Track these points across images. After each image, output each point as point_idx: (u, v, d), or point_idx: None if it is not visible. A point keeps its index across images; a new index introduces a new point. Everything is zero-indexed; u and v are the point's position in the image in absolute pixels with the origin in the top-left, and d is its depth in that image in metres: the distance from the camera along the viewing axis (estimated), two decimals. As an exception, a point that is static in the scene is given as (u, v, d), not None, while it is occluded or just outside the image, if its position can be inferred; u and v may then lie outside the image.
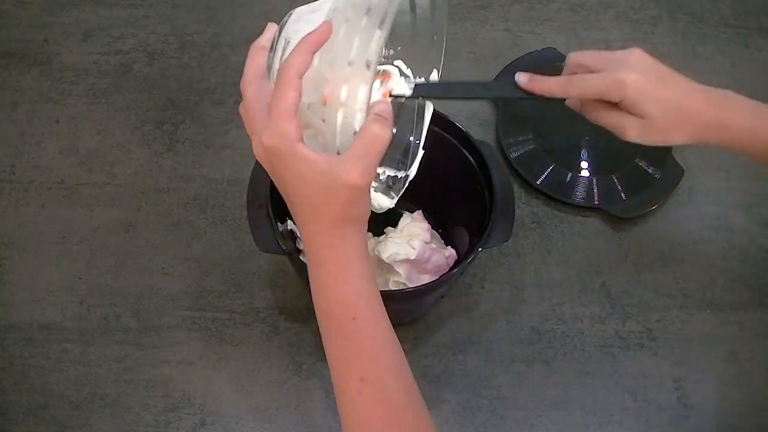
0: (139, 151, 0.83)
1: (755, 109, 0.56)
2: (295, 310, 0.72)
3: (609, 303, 0.74)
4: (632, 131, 0.54)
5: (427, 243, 0.67)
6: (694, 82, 0.55)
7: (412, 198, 0.76)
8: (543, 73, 0.55)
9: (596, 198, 0.80)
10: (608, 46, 0.94)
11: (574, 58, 0.57)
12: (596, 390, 0.68)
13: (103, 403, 0.67)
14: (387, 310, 0.65)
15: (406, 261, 0.65)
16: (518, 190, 0.81)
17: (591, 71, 0.54)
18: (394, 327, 0.70)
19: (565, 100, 0.56)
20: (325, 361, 0.48)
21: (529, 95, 0.55)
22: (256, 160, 0.52)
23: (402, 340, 0.70)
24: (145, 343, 0.70)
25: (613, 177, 0.81)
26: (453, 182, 0.67)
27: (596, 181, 0.81)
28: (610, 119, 0.55)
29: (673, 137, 0.54)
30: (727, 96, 0.56)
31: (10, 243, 0.76)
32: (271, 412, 0.66)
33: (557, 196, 0.80)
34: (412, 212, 0.74)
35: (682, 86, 0.55)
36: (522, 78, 0.55)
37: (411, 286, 0.65)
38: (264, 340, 0.70)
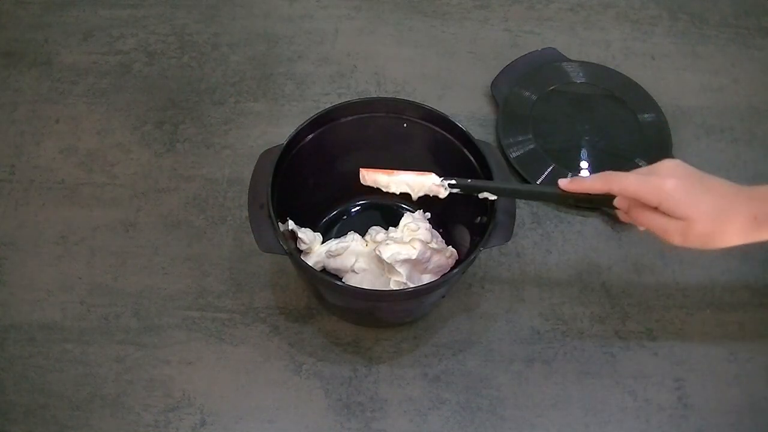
0: (139, 151, 0.83)
1: None
2: (295, 310, 0.72)
3: (609, 303, 0.74)
4: (675, 235, 0.54)
5: (427, 243, 0.67)
6: (732, 183, 0.55)
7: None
8: None
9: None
10: (608, 46, 0.94)
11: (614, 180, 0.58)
12: (596, 390, 0.68)
13: (103, 403, 0.67)
14: (389, 310, 0.65)
15: (407, 261, 0.65)
16: (518, 190, 0.81)
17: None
18: (394, 327, 0.70)
19: (610, 199, 0.58)
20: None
21: (574, 196, 0.59)
22: (255, 164, 0.54)
23: (402, 340, 0.70)
24: (145, 343, 0.70)
25: (613, 177, 0.81)
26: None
27: (596, 181, 0.81)
28: (653, 222, 0.55)
29: (721, 239, 0.54)
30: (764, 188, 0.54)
31: (10, 243, 0.76)
32: (271, 412, 0.66)
33: (557, 196, 0.80)
34: (413, 212, 0.74)
35: (723, 188, 0.55)
36: (563, 181, 0.59)
37: (412, 286, 0.65)
38: (264, 340, 0.70)
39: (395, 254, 0.65)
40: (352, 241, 0.70)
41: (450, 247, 0.70)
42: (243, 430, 0.66)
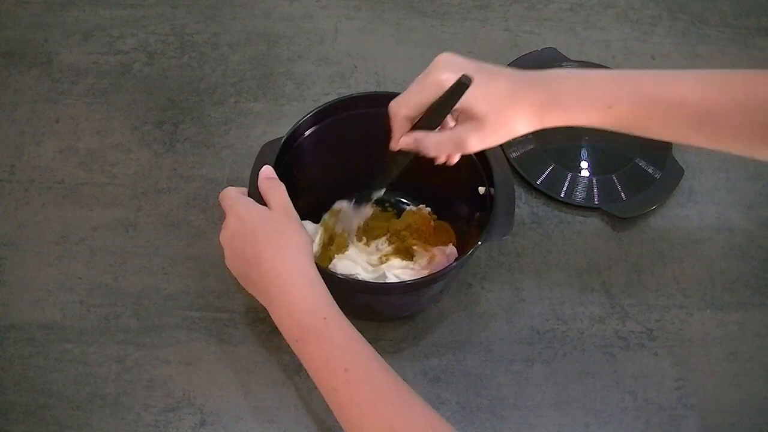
0: (139, 151, 0.83)
1: (581, 75, 0.55)
2: (295, 310, 0.72)
3: (609, 303, 0.74)
4: (471, 137, 0.54)
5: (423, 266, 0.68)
6: (505, 68, 0.56)
7: (415, 192, 0.77)
8: None
9: (596, 198, 0.80)
10: (608, 46, 0.94)
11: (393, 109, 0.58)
12: (596, 390, 0.68)
13: (103, 403, 0.67)
14: (386, 304, 0.66)
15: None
16: (518, 190, 0.81)
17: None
18: (391, 321, 0.71)
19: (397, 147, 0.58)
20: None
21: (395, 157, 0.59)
22: (257, 156, 0.58)
23: (401, 339, 0.70)
24: (145, 343, 0.70)
25: (613, 177, 0.81)
26: (454, 177, 0.67)
27: (596, 181, 0.81)
28: (445, 141, 0.55)
29: (513, 130, 0.54)
30: (556, 72, 0.55)
31: (10, 243, 0.76)
32: (271, 412, 0.66)
33: (557, 196, 0.80)
34: (416, 206, 0.74)
35: (503, 74, 0.55)
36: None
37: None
38: (264, 340, 0.70)
39: (399, 274, 0.66)
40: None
41: (450, 245, 0.70)
42: (243, 430, 0.66)
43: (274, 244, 0.54)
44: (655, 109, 0.53)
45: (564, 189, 0.80)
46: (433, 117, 0.55)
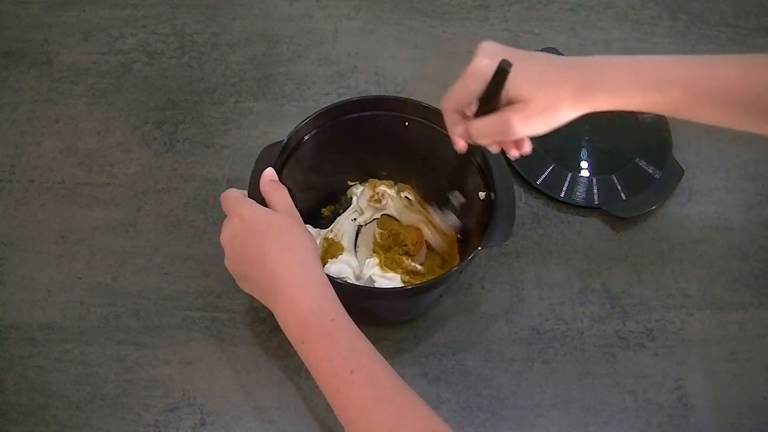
0: (139, 151, 0.83)
1: (629, 57, 0.56)
2: (295, 310, 0.72)
3: (609, 303, 0.74)
4: (517, 122, 0.52)
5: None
6: (547, 54, 0.55)
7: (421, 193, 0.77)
8: None
9: (596, 198, 0.80)
10: (608, 46, 0.94)
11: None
12: (596, 390, 0.68)
13: (103, 403, 0.67)
14: (386, 308, 0.67)
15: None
16: (518, 190, 0.81)
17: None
18: (393, 326, 0.71)
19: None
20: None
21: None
22: (257, 160, 0.58)
23: (402, 340, 0.70)
24: (145, 343, 0.70)
25: (613, 177, 0.81)
26: (455, 180, 0.67)
27: (596, 181, 0.81)
28: (490, 122, 0.54)
29: (559, 107, 0.53)
30: (600, 56, 0.55)
31: (10, 243, 0.76)
32: (271, 412, 0.66)
33: (557, 196, 0.80)
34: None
35: (543, 58, 0.54)
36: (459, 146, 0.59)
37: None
38: (264, 340, 0.70)
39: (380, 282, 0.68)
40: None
41: (451, 215, 0.70)
42: (243, 430, 0.66)
43: (280, 244, 0.54)
44: (706, 94, 0.52)
45: (564, 189, 0.80)
46: (483, 107, 0.55)
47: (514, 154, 0.59)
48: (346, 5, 0.97)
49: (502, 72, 0.51)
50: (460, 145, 0.58)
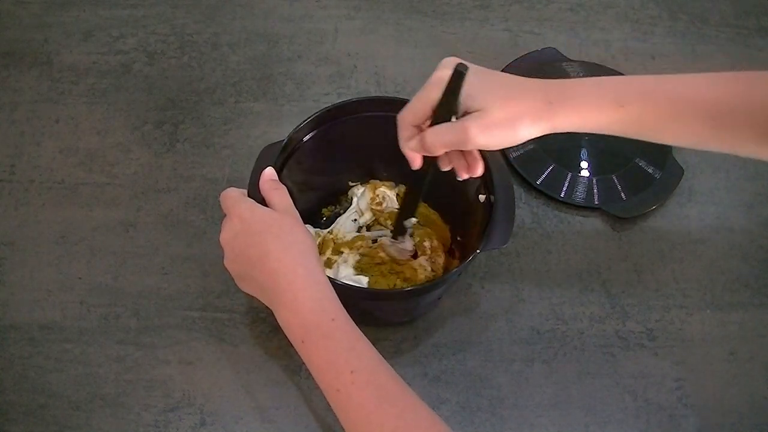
0: (139, 151, 0.83)
1: (592, 78, 0.54)
2: (295, 310, 0.72)
3: (609, 303, 0.74)
4: (475, 129, 0.51)
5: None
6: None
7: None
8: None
9: (596, 198, 0.80)
10: (608, 46, 0.94)
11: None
12: (596, 390, 0.68)
13: (103, 403, 0.67)
14: (384, 310, 0.67)
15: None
16: (518, 190, 0.81)
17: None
18: (392, 326, 0.71)
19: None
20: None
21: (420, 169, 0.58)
22: (257, 159, 0.58)
23: (402, 340, 0.70)
24: (145, 343, 0.70)
25: (613, 177, 0.81)
26: (454, 183, 0.67)
27: (596, 181, 0.81)
28: (448, 129, 0.53)
29: (519, 126, 0.52)
30: (558, 80, 0.54)
31: (10, 243, 0.76)
32: (271, 412, 0.66)
33: (557, 196, 0.80)
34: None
35: (510, 76, 0.54)
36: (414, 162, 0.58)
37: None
38: (264, 340, 0.70)
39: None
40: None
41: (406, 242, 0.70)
42: (243, 430, 0.66)
43: (281, 244, 0.54)
44: (668, 108, 0.51)
45: (564, 189, 0.80)
46: (438, 116, 0.53)
47: (463, 175, 0.59)
48: (346, 5, 0.97)
49: (458, 75, 0.50)
50: (416, 161, 0.57)
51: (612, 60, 0.92)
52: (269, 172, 0.60)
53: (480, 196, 0.66)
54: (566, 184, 0.80)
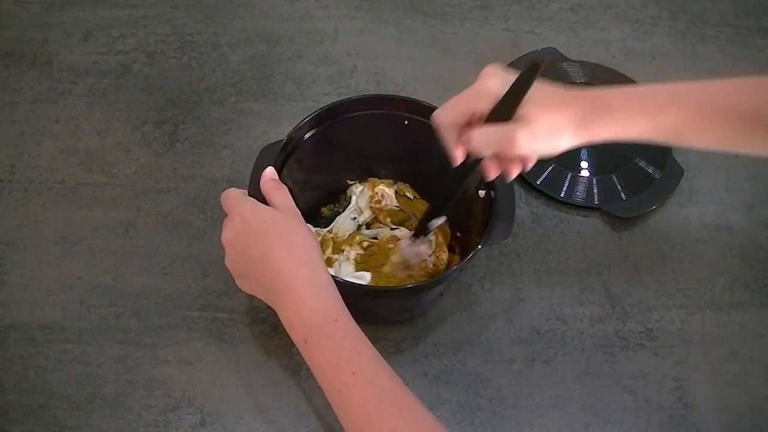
0: (139, 151, 0.83)
1: (629, 87, 0.55)
2: (295, 310, 0.72)
3: (609, 303, 0.74)
4: (523, 133, 0.51)
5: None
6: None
7: (420, 192, 0.77)
8: None
9: (596, 198, 0.80)
10: (608, 46, 0.94)
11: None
12: (596, 390, 0.68)
13: (103, 403, 0.67)
14: (385, 307, 0.67)
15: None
16: (518, 190, 0.81)
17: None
18: (392, 325, 0.71)
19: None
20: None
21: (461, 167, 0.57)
22: (256, 159, 0.58)
23: (402, 339, 0.70)
24: (145, 343, 0.70)
25: (613, 177, 0.81)
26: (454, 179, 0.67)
27: (596, 181, 0.81)
28: (494, 133, 0.53)
29: (560, 131, 0.52)
30: (593, 89, 0.54)
31: (10, 243, 0.76)
32: (271, 412, 0.66)
33: (557, 196, 0.80)
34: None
35: (550, 85, 0.54)
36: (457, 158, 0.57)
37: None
38: (264, 340, 0.70)
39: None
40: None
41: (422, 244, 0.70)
42: (243, 430, 0.66)
43: (283, 243, 0.54)
44: (702, 115, 0.52)
45: (564, 189, 0.80)
46: (502, 110, 0.53)
47: (514, 173, 0.58)
48: (346, 5, 0.97)
49: (534, 67, 0.50)
50: (459, 154, 0.56)
51: (612, 60, 0.92)
52: (270, 172, 0.60)
53: (480, 191, 0.66)
54: (566, 184, 0.80)
